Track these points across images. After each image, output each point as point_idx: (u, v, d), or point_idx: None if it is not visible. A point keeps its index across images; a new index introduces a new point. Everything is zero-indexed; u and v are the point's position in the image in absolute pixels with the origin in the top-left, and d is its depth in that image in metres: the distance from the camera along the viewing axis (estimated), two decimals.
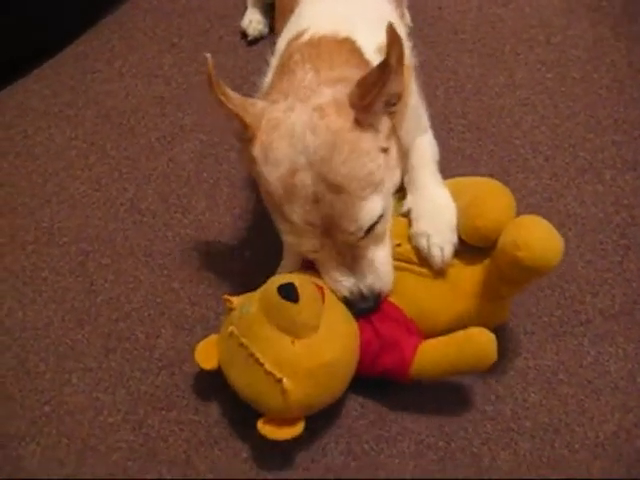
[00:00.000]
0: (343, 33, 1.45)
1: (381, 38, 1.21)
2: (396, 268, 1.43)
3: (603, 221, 1.76)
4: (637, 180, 1.85)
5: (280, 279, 1.36)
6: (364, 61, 1.43)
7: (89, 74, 2.33)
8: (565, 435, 1.43)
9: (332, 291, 1.41)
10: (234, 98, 1.34)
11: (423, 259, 1.42)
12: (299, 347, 1.32)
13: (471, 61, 2.19)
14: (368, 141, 1.29)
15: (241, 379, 1.38)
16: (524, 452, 1.41)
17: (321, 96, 1.31)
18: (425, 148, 1.62)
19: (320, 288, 1.39)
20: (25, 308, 1.75)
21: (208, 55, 1.30)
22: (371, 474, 1.41)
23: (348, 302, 1.40)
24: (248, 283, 1.49)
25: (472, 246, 1.41)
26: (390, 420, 1.47)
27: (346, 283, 1.39)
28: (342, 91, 1.30)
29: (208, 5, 2.51)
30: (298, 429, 1.34)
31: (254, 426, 1.35)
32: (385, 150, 1.33)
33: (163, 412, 1.53)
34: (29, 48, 2.34)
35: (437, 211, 1.44)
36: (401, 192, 1.52)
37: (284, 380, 1.29)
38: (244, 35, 2.35)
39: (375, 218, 1.31)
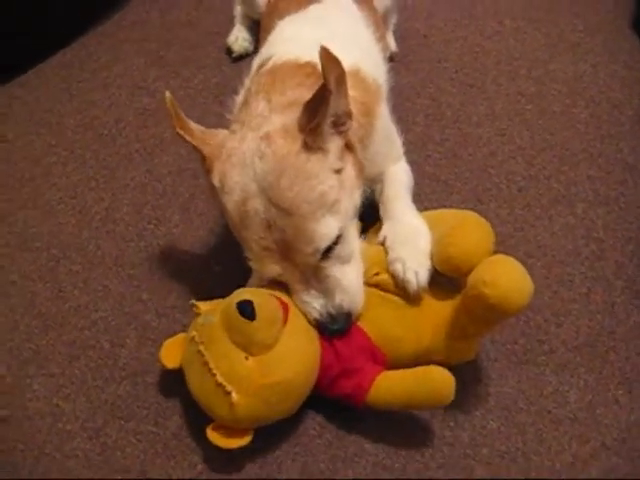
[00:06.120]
0: (305, 57, 1.46)
1: (349, 59, 1.21)
2: (370, 295, 1.43)
3: (572, 253, 1.78)
4: (608, 215, 1.87)
5: (242, 294, 1.37)
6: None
7: (74, 83, 2.35)
8: (521, 463, 1.43)
9: (300, 311, 1.41)
10: (195, 130, 1.40)
11: (399, 286, 1.41)
12: (252, 363, 1.32)
13: (452, 89, 2.22)
14: (316, 163, 1.30)
15: (196, 384, 1.39)
16: (479, 478, 1.41)
17: (270, 124, 1.33)
18: (399, 178, 1.64)
19: (285, 306, 1.39)
20: None
21: (168, 93, 1.38)
22: None
23: (318, 324, 1.40)
24: (216, 298, 1.48)
25: (446, 281, 1.41)
26: (348, 441, 1.46)
27: (315, 305, 1.39)
28: (292, 116, 1.32)
29: (197, 21, 2.55)
30: (245, 440, 1.35)
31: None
32: (338, 171, 1.34)
33: (122, 422, 1.52)
34: (14, 54, 2.36)
35: (412, 237, 1.45)
36: (378, 223, 1.55)
37: (233, 394, 1.30)
38: (230, 51, 2.38)
39: (331, 239, 1.32)
